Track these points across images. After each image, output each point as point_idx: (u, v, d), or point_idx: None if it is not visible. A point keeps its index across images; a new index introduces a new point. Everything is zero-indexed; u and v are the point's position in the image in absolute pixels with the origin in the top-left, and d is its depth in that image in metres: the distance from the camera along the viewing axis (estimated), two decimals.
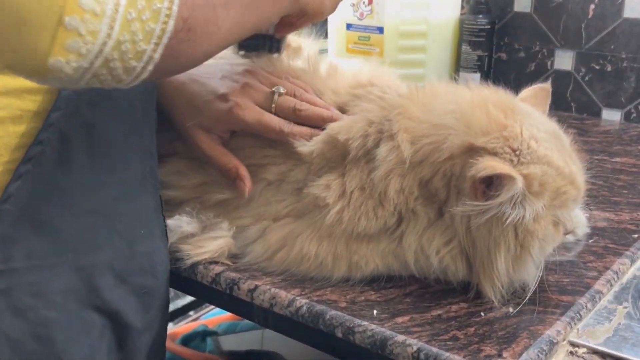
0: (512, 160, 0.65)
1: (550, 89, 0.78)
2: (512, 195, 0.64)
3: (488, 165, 0.63)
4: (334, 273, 0.73)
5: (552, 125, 0.72)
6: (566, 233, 0.72)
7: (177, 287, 0.85)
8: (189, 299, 1.89)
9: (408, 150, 0.69)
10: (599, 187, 0.97)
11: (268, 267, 0.75)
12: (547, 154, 0.66)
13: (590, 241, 0.82)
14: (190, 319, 1.82)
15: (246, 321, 1.56)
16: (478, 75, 1.31)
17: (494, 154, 0.65)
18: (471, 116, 0.67)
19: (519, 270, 0.68)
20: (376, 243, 0.72)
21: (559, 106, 1.32)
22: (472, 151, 0.66)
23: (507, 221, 0.65)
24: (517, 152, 0.66)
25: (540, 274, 0.70)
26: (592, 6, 1.24)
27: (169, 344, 1.51)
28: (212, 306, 1.83)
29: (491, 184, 0.64)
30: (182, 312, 1.89)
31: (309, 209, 0.74)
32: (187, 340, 1.51)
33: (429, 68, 1.29)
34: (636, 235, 0.83)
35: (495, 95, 0.71)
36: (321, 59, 0.86)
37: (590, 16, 1.25)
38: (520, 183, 0.63)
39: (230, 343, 1.46)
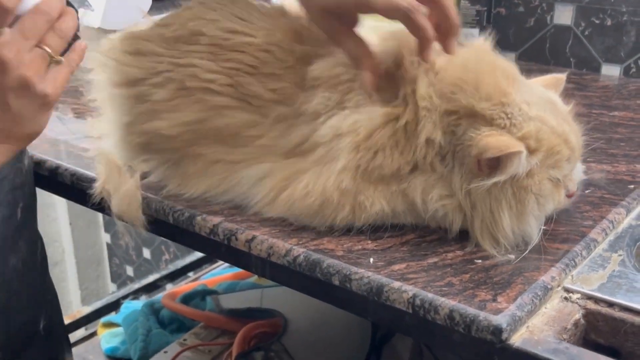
0: (505, 126, 0.68)
1: (564, 79, 0.80)
2: (517, 164, 0.66)
3: (491, 145, 0.66)
4: (337, 214, 0.72)
5: (548, 93, 0.75)
6: (569, 195, 0.73)
7: (175, 239, 0.85)
8: (188, 259, 1.91)
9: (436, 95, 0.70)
10: (596, 139, 0.97)
11: (271, 211, 0.75)
12: (539, 114, 0.70)
13: (586, 192, 0.82)
14: (189, 279, 1.83)
15: (246, 280, 1.57)
16: (477, 30, 1.31)
17: (490, 120, 0.69)
18: (481, 79, 0.70)
19: (521, 225, 0.70)
20: (386, 185, 0.72)
21: (557, 61, 1.32)
22: (473, 116, 0.69)
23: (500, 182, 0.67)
24: (509, 115, 0.69)
25: (542, 228, 0.71)
26: None
27: (169, 302, 1.53)
28: (211, 267, 1.84)
29: (499, 161, 0.67)
30: (181, 272, 1.90)
31: (326, 138, 0.72)
32: (187, 299, 1.53)
33: None
34: (632, 186, 0.84)
35: (506, 64, 0.74)
36: None
37: None
38: (524, 151, 0.66)
39: (229, 302, 1.47)
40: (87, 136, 0.98)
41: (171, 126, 0.78)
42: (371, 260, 0.68)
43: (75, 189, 0.89)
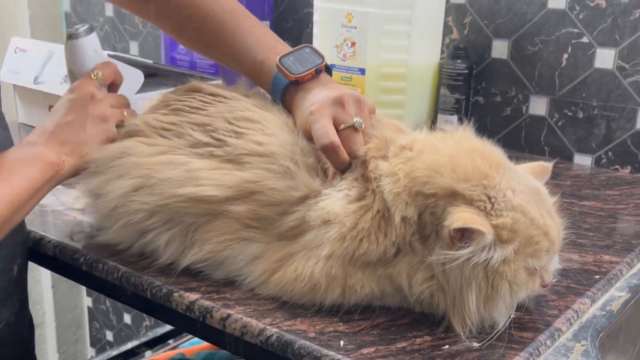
0: (485, 208, 0.70)
1: (550, 168, 0.83)
2: (482, 246, 0.69)
3: (460, 218, 0.69)
4: (327, 297, 0.75)
5: (535, 183, 0.77)
6: (544, 285, 0.75)
7: (152, 314, 0.87)
8: (168, 327, 1.90)
9: (406, 179, 0.74)
10: (566, 229, 1.00)
11: (264, 291, 0.77)
12: (522, 204, 0.71)
13: (553, 281, 0.85)
14: (169, 347, 1.83)
15: (224, 351, 1.57)
16: (455, 117, 1.36)
17: (470, 201, 0.71)
18: (459, 161, 0.72)
19: (490, 309, 0.71)
20: (373, 269, 0.75)
21: (533, 149, 1.37)
22: (452, 196, 0.71)
23: (473, 262, 0.69)
24: (492, 200, 0.71)
25: (512, 316, 0.73)
26: (565, 55, 1.29)
27: None
28: (191, 335, 1.84)
29: (465, 235, 0.69)
30: (161, 340, 1.90)
31: (316, 223, 0.76)
32: None
33: (409, 109, 1.34)
34: (598, 277, 0.87)
35: (487, 148, 0.77)
36: None
37: (563, 65, 1.30)
38: (490, 236, 0.68)
39: None
40: (72, 208, 1.00)
41: (213, 187, 0.80)
42: (342, 343, 0.70)
43: (57, 260, 0.91)
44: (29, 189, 0.81)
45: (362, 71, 1.32)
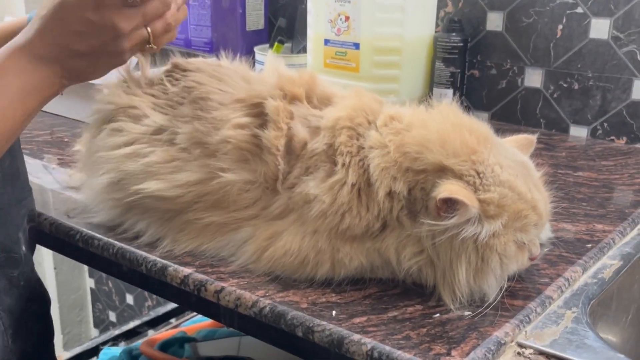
0: (474, 183, 0.71)
1: (535, 141, 0.83)
2: (466, 218, 0.69)
3: (447, 189, 0.69)
4: (318, 270, 0.75)
5: (522, 157, 0.78)
6: (532, 258, 0.76)
7: (148, 288, 0.88)
8: (170, 306, 1.92)
9: (397, 153, 0.74)
10: (559, 199, 1.01)
11: (257, 268, 0.78)
12: (510, 179, 0.72)
13: (545, 250, 0.85)
14: (171, 326, 1.84)
15: (225, 328, 1.58)
16: (451, 91, 1.36)
17: (459, 175, 0.71)
18: (447, 137, 0.73)
19: (480, 281, 0.72)
20: (360, 243, 0.75)
21: (528, 122, 1.37)
22: (442, 170, 0.72)
23: (461, 236, 0.70)
24: (481, 175, 0.71)
25: (503, 288, 0.73)
26: (560, 26, 1.29)
27: (147, 349, 1.54)
28: (193, 313, 1.85)
29: (450, 205, 0.69)
30: (163, 319, 1.91)
31: (298, 205, 0.77)
32: (166, 346, 1.54)
33: (403, 83, 1.34)
34: (590, 245, 0.87)
35: (475, 124, 0.77)
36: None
37: (558, 36, 1.30)
38: (474, 209, 0.69)
39: (207, 349, 1.48)
40: (68, 186, 1.01)
41: (170, 188, 0.82)
42: (334, 313, 0.71)
43: (54, 238, 0.92)
44: (25, 115, 0.73)
45: (357, 46, 1.31)
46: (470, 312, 0.72)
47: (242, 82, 0.85)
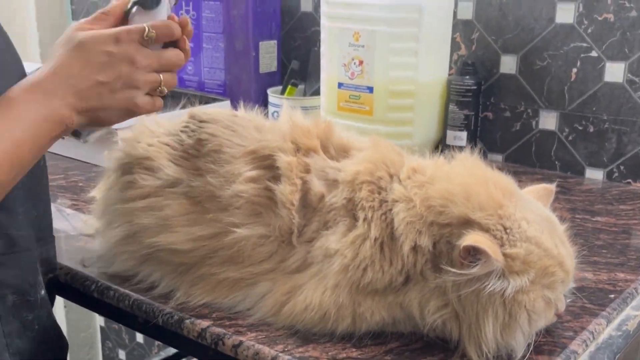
0: (501, 238, 0.70)
1: (554, 190, 0.83)
2: (490, 270, 0.68)
3: (472, 237, 0.69)
4: (338, 325, 0.74)
5: (546, 211, 0.78)
6: (558, 314, 0.75)
7: (163, 340, 0.87)
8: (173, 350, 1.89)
9: (422, 207, 0.73)
10: (579, 246, 0.99)
11: (276, 322, 0.77)
12: (537, 235, 0.71)
13: (568, 301, 0.84)
14: None
15: None
16: (465, 133, 1.35)
17: (486, 229, 0.70)
18: (473, 191, 0.72)
19: (507, 337, 0.71)
20: (382, 297, 0.74)
21: (543, 164, 1.36)
22: (468, 224, 0.71)
23: (487, 290, 0.69)
24: (508, 231, 0.71)
25: (531, 345, 0.72)
26: (575, 70, 1.29)
27: None
28: None
29: (473, 254, 0.68)
30: (173, 359, 1.89)
31: (318, 259, 0.76)
32: None
33: (417, 126, 1.33)
34: (613, 296, 0.86)
35: (499, 177, 0.76)
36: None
37: (572, 79, 1.29)
38: (496, 262, 0.68)
39: None
40: (83, 234, 1.00)
41: (184, 241, 0.81)
42: None
43: (69, 287, 0.91)
44: (33, 149, 0.73)
45: (370, 89, 1.31)
46: None
47: (255, 132, 0.85)
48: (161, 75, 0.80)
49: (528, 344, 0.72)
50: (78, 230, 1.03)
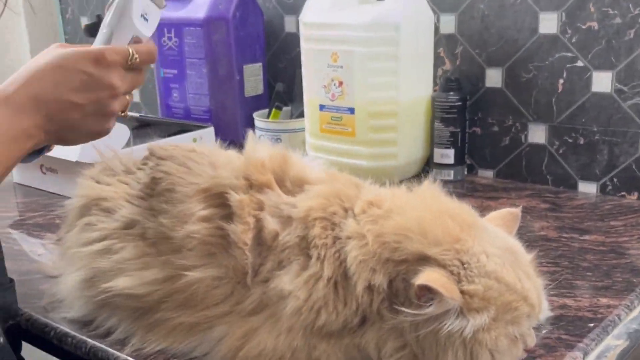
0: (459, 273, 0.66)
1: (520, 214, 0.79)
2: (446, 309, 0.64)
3: (425, 276, 0.65)
4: None
5: (509, 242, 0.73)
6: (527, 350, 0.70)
7: None
8: None
9: (376, 243, 0.69)
10: (562, 268, 0.95)
11: None
12: (497, 269, 0.67)
13: (544, 332, 0.79)
14: None
15: None
16: (452, 151, 1.31)
17: (443, 265, 0.66)
18: (428, 225, 0.68)
19: None
20: (338, 339, 0.71)
21: (535, 179, 1.31)
22: (424, 260, 0.67)
23: (446, 330, 0.65)
24: (465, 266, 0.67)
25: None
26: (561, 81, 1.24)
27: None
28: None
29: (428, 294, 0.64)
30: None
31: (273, 300, 0.73)
32: None
33: (402, 146, 1.30)
34: (592, 324, 0.81)
35: (457, 209, 0.72)
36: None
37: (560, 90, 1.25)
38: (452, 300, 0.64)
39: None
40: (46, 276, 0.98)
41: (138, 285, 0.78)
42: None
43: (31, 333, 0.89)
44: (3, 167, 0.71)
45: (352, 110, 1.28)
46: None
47: (209, 169, 0.82)
48: (128, 97, 0.78)
49: None
50: (45, 272, 1.00)
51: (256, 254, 0.75)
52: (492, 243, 0.70)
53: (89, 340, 0.82)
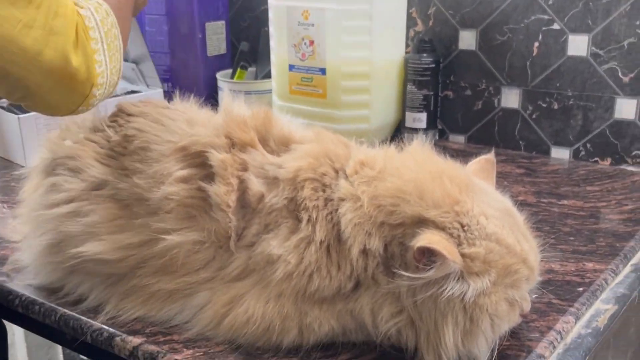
0: (459, 236, 0.64)
1: (495, 160, 0.77)
2: (447, 273, 0.62)
3: (426, 238, 0.62)
4: (284, 337, 0.67)
5: (505, 202, 0.71)
6: (523, 315, 0.68)
7: (95, 358, 0.79)
8: None
9: (371, 206, 0.66)
10: (545, 233, 0.94)
11: (216, 336, 0.70)
12: (497, 231, 0.65)
13: (533, 297, 0.78)
14: None
15: None
16: (425, 115, 1.28)
17: (442, 228, 0.64)
18: (426, 187, 0.65)
19: (469, 344, 0.64)
20: (330, 305, 0.67)
21: (507, 144, 1.30)
22: (422, 223, 0.64)
23: (446, 294, 0.62)
24: (465, 228, 0.64)
25: (495, 351, 0.66)
26: (536, 44, 1.22)
27: None
28: None
29: (428, 257, 0.61)
30: None
31: (260, 265, 0.69)
32: None
33: (374, 109, 1.26)
34: (581, 289, 0.80)
35: (453, 169, 0.70)
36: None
37: (535, 54, 1.23)
38: (454, 263, 0.61)
39: None
40: (7, 241, 0.92)
41: (111, 250, 0.73)
42: None
43: None
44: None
45: (323, 71, 1.24)
46: None
47: (186, 126, 0.77)
48: None
49: (491, 351, 0.65)
50: (5, 237, 0.94)
51: (240, 217, 0.71)
52: (490, 204, 0.67)
53: (59, 308, 0.77)
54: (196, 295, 0.71)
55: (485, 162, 0.76)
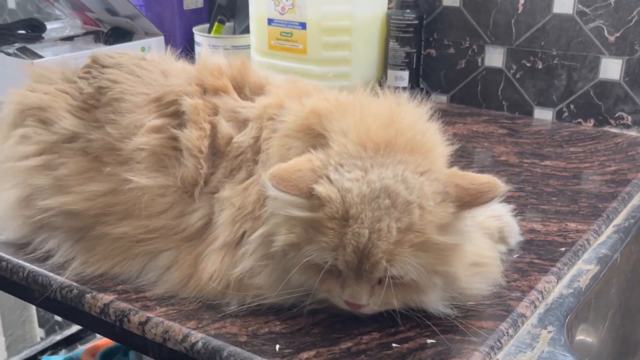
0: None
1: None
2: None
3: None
4: (247, 292, 0.65)
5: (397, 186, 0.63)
6: (347, 302, 0.62)
7: (65, 316, 0.77)
8: None
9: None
10: (527, 193, 0.92)
11: (183, 294, 0.68)
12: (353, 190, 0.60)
13: (515, 256, 0.76)
14: None
15: None
16: (407, 73, 1.25)
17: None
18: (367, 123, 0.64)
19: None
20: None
21: (490, 104, 1.27)
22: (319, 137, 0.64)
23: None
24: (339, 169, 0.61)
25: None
26: (522, 1, 1.19)
27: (88, 358, 1.43)
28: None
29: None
30: None
31: (216, 214, 0.67)
32: (108, 355, 1.43)
33: (356, 66, 1.23)
34: (563, 249, 0.79)
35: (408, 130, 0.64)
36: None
37: (520, 11, 1.20)
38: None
39: None
40: None
41: (79, 200, 0.71)
42: (277, 346, 0.61)
43: None
44: None
45: (303, 25, 1.20)
46: (433, 340, 0.62)
47: (160, 78, 0.74)
48: None
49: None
50: None
51: (210, 164, 0.68)
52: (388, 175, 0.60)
53: (27, 264, 0.74)
54: (160, 256, 0.69)
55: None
